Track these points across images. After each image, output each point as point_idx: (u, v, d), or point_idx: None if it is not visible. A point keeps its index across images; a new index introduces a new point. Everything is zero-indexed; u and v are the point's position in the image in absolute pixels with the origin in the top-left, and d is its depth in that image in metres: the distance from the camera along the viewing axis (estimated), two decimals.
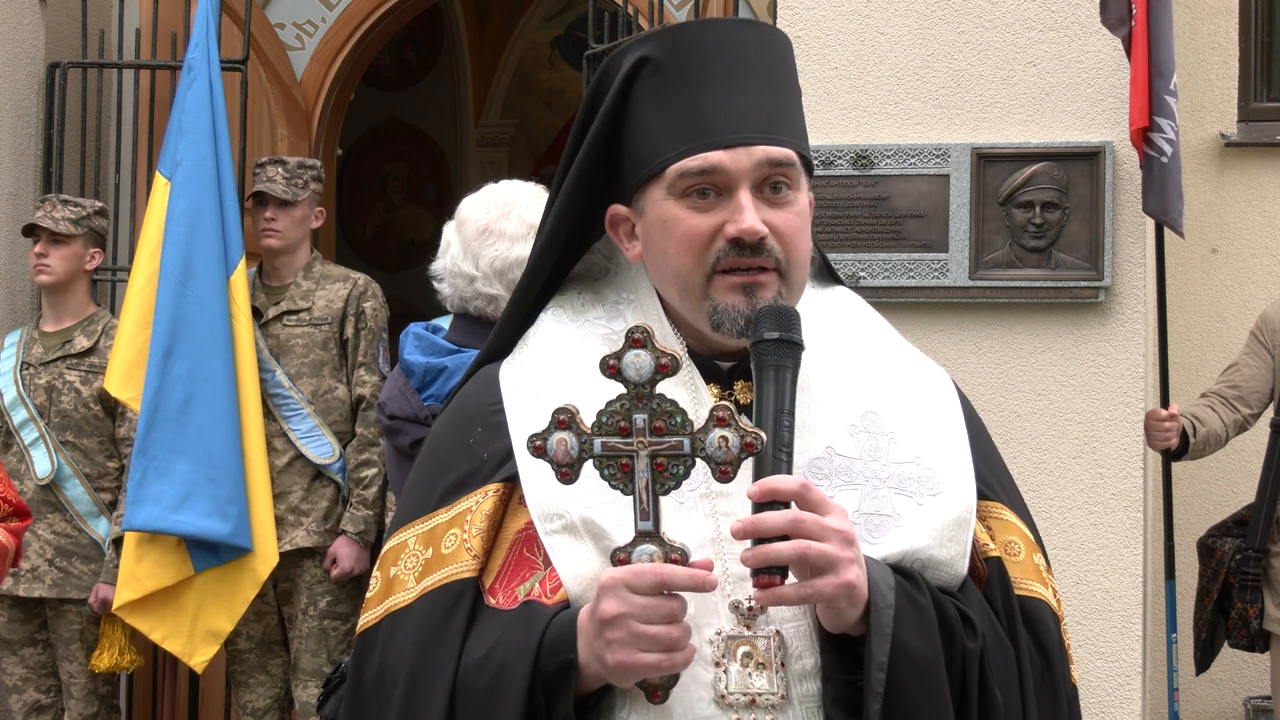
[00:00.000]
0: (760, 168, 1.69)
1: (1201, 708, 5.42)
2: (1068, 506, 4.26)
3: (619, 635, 1.55)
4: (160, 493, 4.73)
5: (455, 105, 10.61)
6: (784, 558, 1.54)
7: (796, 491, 1.56)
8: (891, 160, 4.38)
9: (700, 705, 1.61)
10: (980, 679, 1.64)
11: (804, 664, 1.62)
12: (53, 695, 5.17)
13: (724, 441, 1.55)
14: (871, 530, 1.67)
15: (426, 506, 1.77)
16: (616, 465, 1.57)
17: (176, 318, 4.81)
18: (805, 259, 1.74)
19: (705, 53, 1.73)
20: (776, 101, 1.73)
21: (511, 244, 3.10)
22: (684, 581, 1.55)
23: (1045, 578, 1.79)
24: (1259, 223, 5.52)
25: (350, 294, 5.13)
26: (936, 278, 4.36)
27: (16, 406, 5.09)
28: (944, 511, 1.69)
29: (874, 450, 1.71)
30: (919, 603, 1.62)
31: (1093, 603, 4.23)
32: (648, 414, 1.56)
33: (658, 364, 1.56)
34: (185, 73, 5.04)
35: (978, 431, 1.83)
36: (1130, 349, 4.29)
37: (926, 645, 1.60)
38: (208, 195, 4.92)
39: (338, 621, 5.05)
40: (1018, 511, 1.81)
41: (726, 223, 1.68)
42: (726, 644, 1.62)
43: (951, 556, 1.69)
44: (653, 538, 1.57)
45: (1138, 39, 4.04)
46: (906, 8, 4.42)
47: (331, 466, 5.02)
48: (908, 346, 1.86)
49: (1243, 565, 4.60)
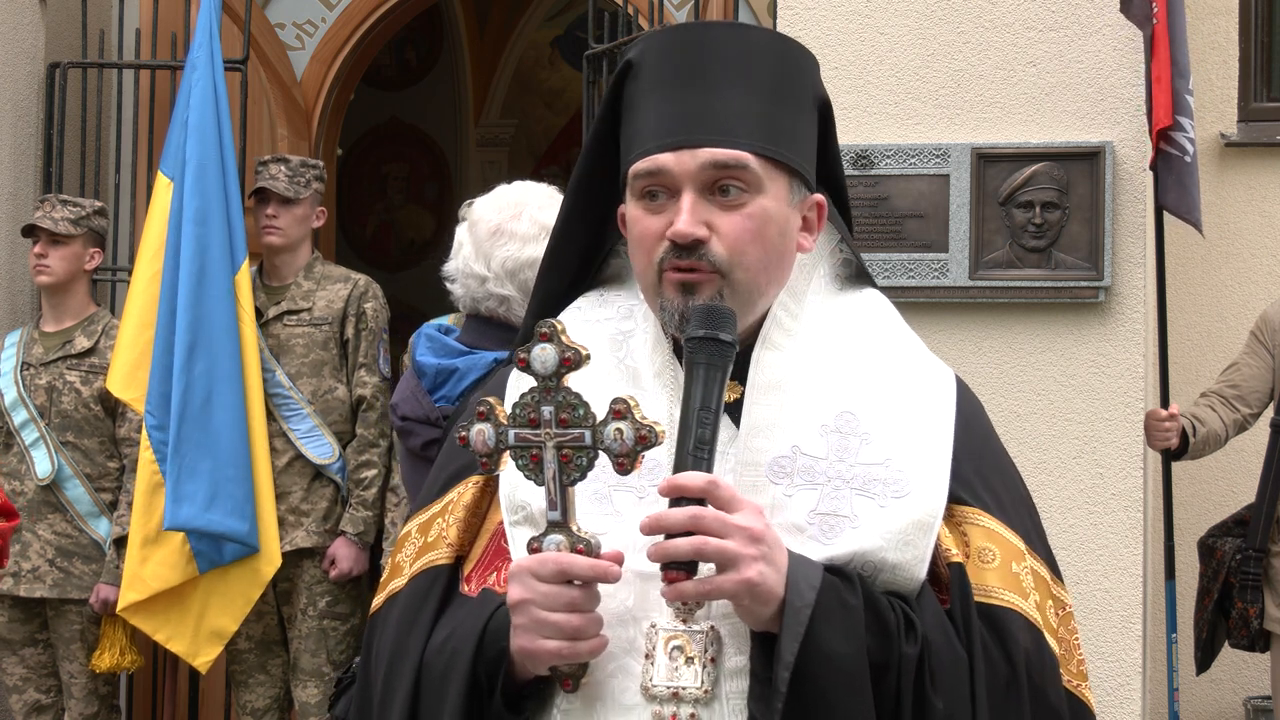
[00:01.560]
0: (705, 170, 1.70)
1: (1201, 708, 5.42)
2: (1068, 506, 4.26)
3: (522, 621, 1.60)
4: (194, 491, 4.75)
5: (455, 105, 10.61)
6: (681, 553, 1.56)
7: (702, 488, 1.57)
8: (891, 160, 4.38)
9: (626, 695, 1.64)
10: (918, 686, 1.62)
11: (736, 661, 1.63)
12: (53, 695, 5.18)
13: (619, 434, 1.58)
14: (826, 531, 1.66)
15: (429, 496, 1.86)
16: (528, 456, 1.62)
17: (197, 316, 4.82)
18: (756, 261, 1.71)
19: (680, 55, 1.75)
20: (745, 103, 1.73)
21: (523, 244, 3.10)
22: (584, 571, 1.59)
23: (1027, 588, 1.72)
24: (1259, 223, 5.52)
25: (351, 294, 5.13)
26: (936, 278, 4.36)
27: (17, 407, 5.09)
28: (905, 514, 1.67)
29: (843, 451, 1.70)
30: (848, 604, 1.60)
31: (1093, 603, 4.23)
32: (554, 406, 1.60)
33: (562, 358, 1.59)
34: (189, 71, 5.04)
35: (977, 437, 1.80)
36: (1130, 349, 4.29)
37: (849, 647, 1.58)
38: (215, 194, 4.92)
39: (337, 622, 5.05)
40: (1008, 520, 1.76)
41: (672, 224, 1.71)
42: (659, 637, 1.63)
43: (908, 560, 1.66)
44: (561, 528, 1.61)
45: (1159, 37, 4.04)
46: (906, 8, 4.42)
47: (331, 467, 5.02)
48: (915, 349, 1.83)
49: (1243, 565, 4.60)
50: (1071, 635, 1.81)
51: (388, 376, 5.12)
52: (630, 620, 1.65)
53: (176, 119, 5.08)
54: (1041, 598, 1.75)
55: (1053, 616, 1.77)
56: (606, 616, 1.64)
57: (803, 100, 1.79)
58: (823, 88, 1.84)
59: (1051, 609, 1.77)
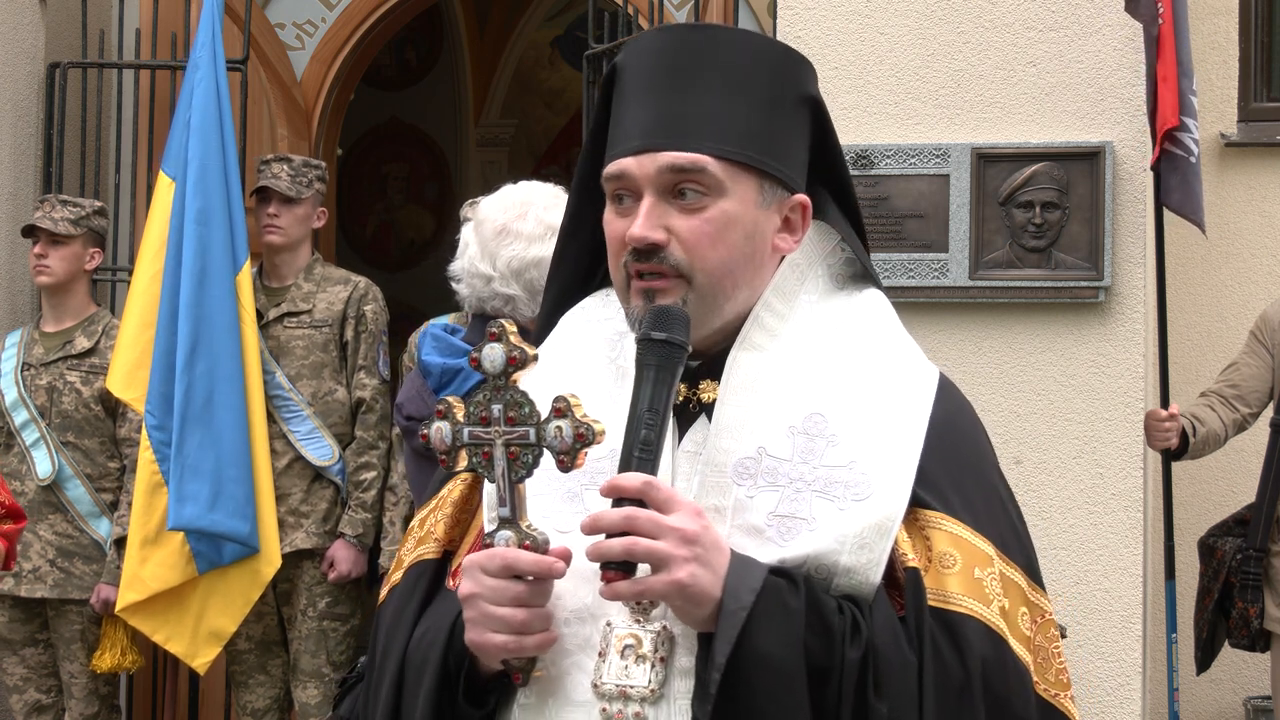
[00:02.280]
0: (662, 174, 1.71)
1: (1201, 708, 5.42)
2: (1068, 506, 4.26)
3: (472, 614, 1.64)
4: (197, 491, 4.75)
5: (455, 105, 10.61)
6: (613, 554, 1.57)
7: (638, 489, 1.58)
8: (891, 160, 4.38)
9: (578, 691, 1.66)
10: (860, 690, 1.60)
11: (686, 661, 1.64)
12: (53, 695, 5.18)
13: (559, 431, 1.61)
14: (783, 533, 1.66)
15: (429, 493, 1.90)
16: (480, 453, 1.65)
17: (199, 316, 4.82)
18: (717, 264, 1.72)
19: (655, 60, 1.78)
20: (710, 107, 1.73)
21: (529, 244, 3.11)
22: (528, 566, 1.62)
23: (991, 595, 1.68)
24: (1259, 223, 5.52)
25: (351, 297, 5.13)
26: (936, 278, 4.36)
27: (18, 407, 5.09)
28: (864, 517, 1.65)
29: (808, 453, 1.69)
30: (789, 607, 1.59)
31: (1093, 603, 4.23)
32: (503, 404, 1.64)
33: (508, 357, 1.63)
34: (191, 71, 5.04)
35: (953, 439, 1.76)
36: (1130, 349, 4.29)
37: (786, 650, 1.58)
38: (217, 194, 4.92)
39: (337, 623, 5.05)
40: (977, 525, 1.72)
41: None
42: (613, 636, 1.65)
43: (863, 564, 1.64)
44: (510, 524, 1.64)
45: (1165, 37, 4.03)
46: (906, 8, 4.42)
47: (331, 469, 5.02)
48: (900, 350, 1.81)
49: (1243, 565, 4.60)
50: (1050, 644, 1.77)
51: (387, 379, 5.13)
52: (589, 618, 1.67)
53: (179, 119, 5.08)
54: (1012, 605, 1.71)
55: (1026, 624, 1.73)
56: (565, 614, 1.67)
57: (781, 101, 1.78)
58: (810, 87, 1.83)
59: (1026, 616, 1.73)
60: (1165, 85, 4.04)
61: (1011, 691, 1.67)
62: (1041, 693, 1.73)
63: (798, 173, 1.81)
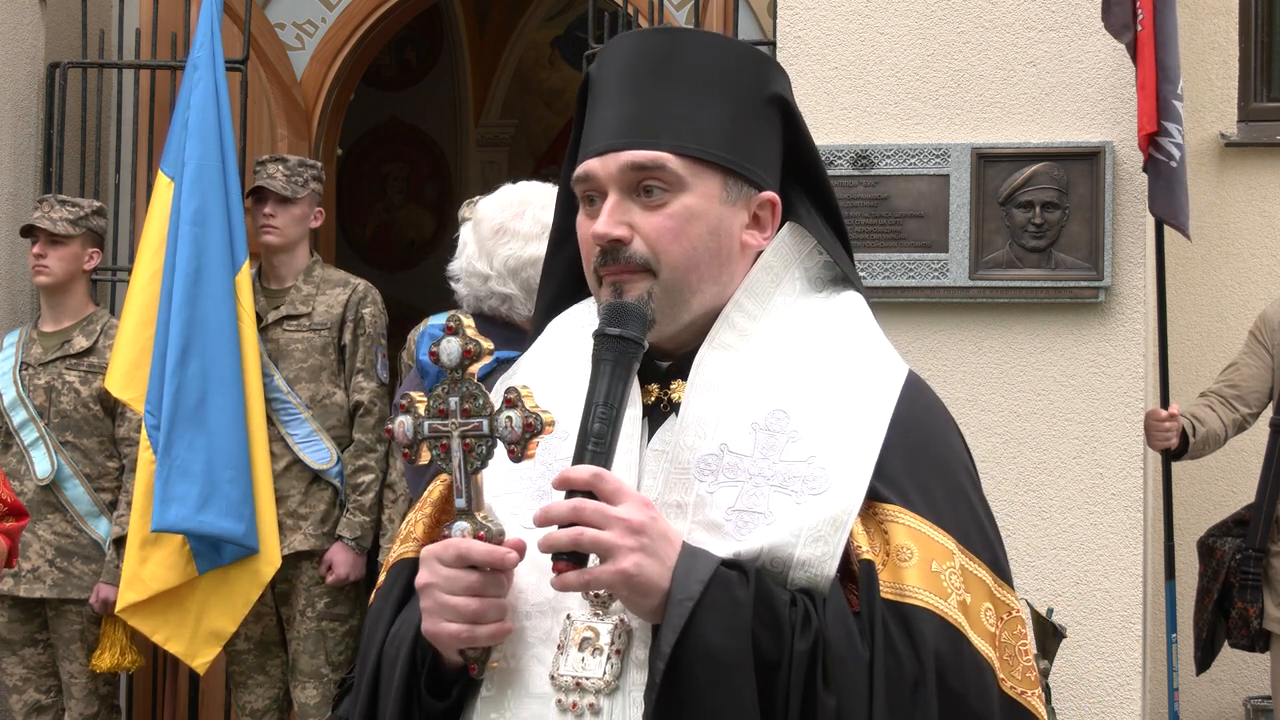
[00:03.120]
0: (624, 172, 1.74)
1: (1201, 708, 5.42)
2: (1068, 506, 4.26)
3: (428, 604, 1.66)
4: (185, 492, 4.73)
5: (455, 105, 10.61)
6: (560, 544, 1.59)
7: (587, 480, 1.60)
8: (891, 160, 4.38)
9: (536, 683, 1.68)
10: (809, 681, 1.60)
11: (642, 653, 1.65)
12: (53, 695, 5.18)
13: (509, 421, 1.64)
14: (740, 527, 1.67)
15: (418, 493, 1.93)
16: (439, 446, 1.68)
17: (192, 317, 4.81)
18: (681, 258, 1.74)
19: (618, 65, 1.81)
20: (669, 105, 1.76)
21: (525, 243, 3.11)
22: (481, 556, 1.64)
23: (949, 588, 1.67)
24: (1259, 223, 5.52)
25: (350, 299, 5.13)
26: (936, 278, 4.36)
27: (16, 407, 5.09)
28: (820, 511, 1.65)
29: (769, 449, 1.70)
30: (736, 598, 1.60)
31: (1093, 603, 4.23)
32: (459, 397, 1.67)
33: (464, 350, 1.66)
34: (190, 71, 5.03)
35: (918, 434, 1.75)
36: (1130, 349, 4.29)
37: (731, 642, 1.58)
38: (214, 195, 4.92)
39: (336, 623, 5.05)
40: (937, 519, 1.71)
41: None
42: (572, 628, 1.67)
43: (818, 556, 1.64)
44: (466, 515, 1.67)
45: (1144, 43, 4.03)
46: (906, 8, 4.42)
47: (329, 471, 5.02)
48: (869, 348, 1.80)
49: (1243, 565, 4.60)
50: (1017, 640, 1.75)
51: (385, 382, 5.12)
52: (550, 611, 1.69)
53: (178, 119, 5.08)
54: (975, 600, 1.70)
55: (990, 620, 1.71)
56: (527, 607, 1.69)
57: (746, 100, 1.80)
58: (777, 87, 1.84)
59: (990, 612, 1.71)
60: (1142, 92, 4.04)
61: (969, 687, 1.66)
62: (1007, 690, 1.71)
63: (766, 171, 1.82)
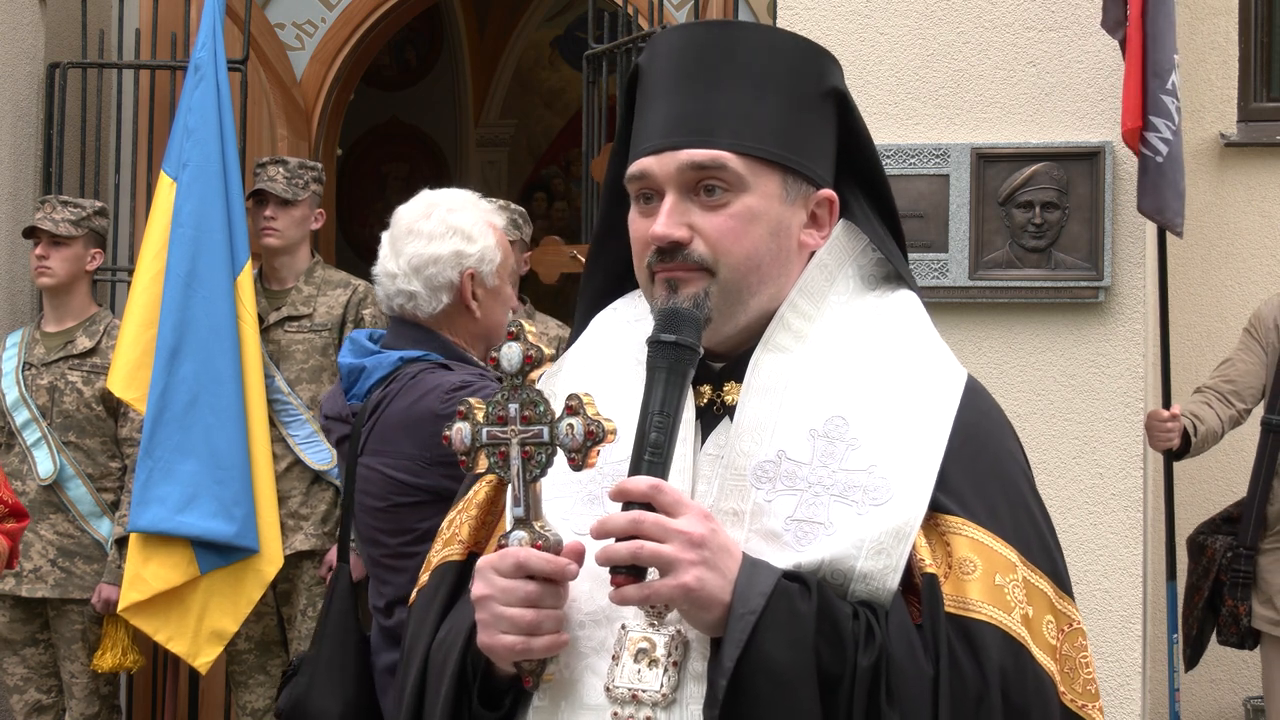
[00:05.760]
0: (683, 172, 1.71)
1: (1201, 708, 5.42)
2: (1068, 506, 4.26)
3: (484, 616, 1.63)
4: (166, 494, 4.72)
5: (455, 105, 10.62)
6: (619, 558, 1.56)
7: (645, 492, 1.57)
8: (891, 160, 4.38)
9: (591, 695, 1.64)
10: (872, 698, 1.57)
11: (699, 666, 1.62)
12: (54, 695, 5.18)
13: (570, 429, 1.60)
14: (800, 538, 1.63)
15: (460, 494, 1.90)
16: (497, 453, 1.65)
17: (182, 319, 4.80)
18: (742, 259, 1.71)
19: (670, 59, 1.77)
20: (729, 103, 1.72)
21: (429, 241, 3.12)
22: (540, 566, 1.61)
23: (1012, 602, 1.64)
24: (1259, 223, 5.52)
25: (350, 300, 5.14)
26: (936, 278, 4.36)
27: (19, 407, 5.09)
28: (882, 522, 1.62)
29: (828, 456, 1.67)
30: (798, 612, 1.57)
31: (1093, 603, 4.23)
32: (519, 403, 1.64)
33: (525, 356, 1.63)
34: (192, 72, 5.03)
35: (978, 444, 1.73)
36: (1130, 349, 4.29)
37: (793, 656, 1.55)
38: (214, 196, 4.91)
39: None
40: (1000, 531, 1.68)
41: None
42: (627, 639, 1.63)
43: (880, 569, 1.61)
44: (525, 524, 1.64)
45: (1132, 39, 4.04)
46: (906, 8, 4.42)
47: (330, 472, 5.02)
48: (928, 352, 1.79)
49: (1233, 563, 4.61)
50: (1078, 653, 1.73)
51: None
52: (604, 621, 1.65)
53: (179, 119, 5.08)
54: (1036, 613, 1.68)
55: (1052, 632, 1.69)
56: (581, 617, 1.66)
57: (803, 95, 1.76)
58: (834, 80, 1.80)
59: (1051, 625, 1.69)
60: (1127, 87, 4.04)
61: (1031, 702, 1.63)
62: (1068, 703, 1.69)
63: (823, 168, 1.79)
